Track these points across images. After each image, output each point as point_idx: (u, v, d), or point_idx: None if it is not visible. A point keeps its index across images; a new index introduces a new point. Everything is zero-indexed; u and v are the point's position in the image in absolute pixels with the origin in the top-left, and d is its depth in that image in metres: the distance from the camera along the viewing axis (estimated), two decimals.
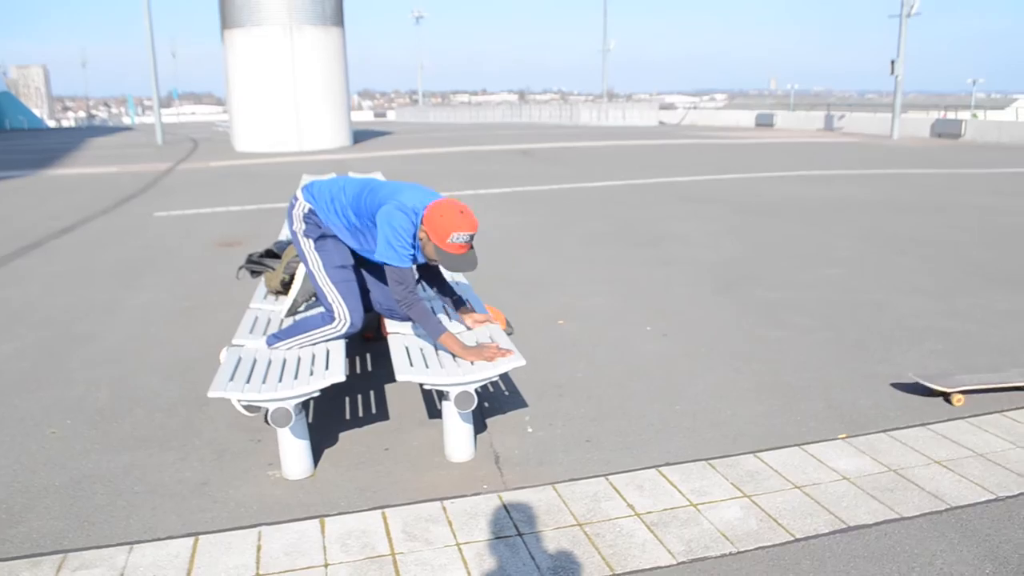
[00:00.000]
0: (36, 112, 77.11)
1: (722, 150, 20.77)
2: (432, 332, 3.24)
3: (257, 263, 4.71)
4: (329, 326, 3.45)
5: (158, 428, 3.68)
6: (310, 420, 3.68)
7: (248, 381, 3.00)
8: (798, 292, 5.84)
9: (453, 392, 3.04)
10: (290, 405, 2.91)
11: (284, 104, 25.63)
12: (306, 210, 3.48)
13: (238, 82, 26.18)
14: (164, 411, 3.88)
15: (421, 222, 3.17)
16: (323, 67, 26.05)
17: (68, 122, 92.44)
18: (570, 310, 5.48)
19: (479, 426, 3.54)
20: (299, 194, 3.55)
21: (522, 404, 3.84)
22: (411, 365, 3.14)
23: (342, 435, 3.54)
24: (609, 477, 3.07)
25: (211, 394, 2.91)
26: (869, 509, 2.82)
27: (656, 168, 15.71)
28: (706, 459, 3.21)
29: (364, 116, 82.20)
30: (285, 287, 4.18)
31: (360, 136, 31.13)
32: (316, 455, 3.29)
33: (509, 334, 3.74)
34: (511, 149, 22.54)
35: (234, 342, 3.49)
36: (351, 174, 3.85)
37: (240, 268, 4.81)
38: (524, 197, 11.67)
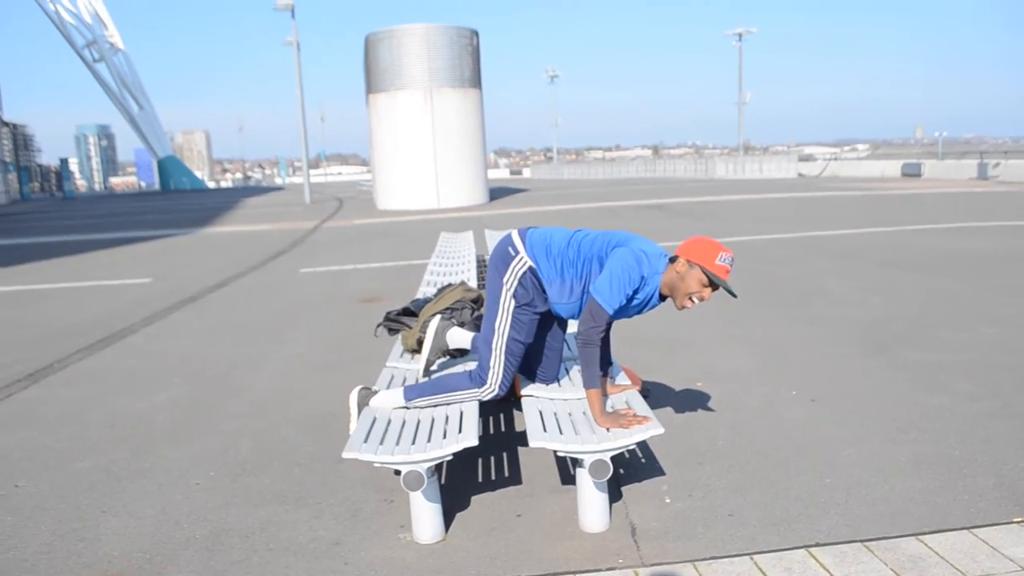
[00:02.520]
0: (198, 174, 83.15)
1: (866, 202, 19.93)
2: (586, 380, 3.19)
3: (395, 321, 4.77)
4: (475, 390, 3.41)
5: (295, 483, 3.73)
6: (443, 482, 3.64)
7: (382, 442, 3.00)
8: (957, 355, 5.41)
9: (588, 460, 2.93)
10: (422, 468, 2.88)
11: (424, 163, 26.55)
12: (526, 267, 3.36)
13: (381, 143, 27.34)
14: (302, 466, 3.94)
15: (671, 261, 3.27)
16: (460, 127, 26.87)
17: (226, 182, 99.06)
18: (709, 371, 5.27)
19: (614, 495, 3.39)
20: (519, 246, 3.40)
21: (659, 472, 3.67)
22: (544, 430, 3.06)
23: (474, 499, 3.48)
24: (754, 556, 2.86)
25: (346, 455, 2.92)
26: None
27: (796, 222, 15.20)
28: (861, 540, 2.95)
29: (500, 174, 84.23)
30: (421, 345, 4.20)
31: (496, 193, 31.76)
32: (448, 518, 3.24)
33: (645, 396, 3.62)
34: (646, 204, 22.40)
35: (371, 404, 3.51)
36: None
37: (378, 326, 4.89)
38: None
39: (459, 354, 4.01)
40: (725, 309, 7.28)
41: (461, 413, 3.27)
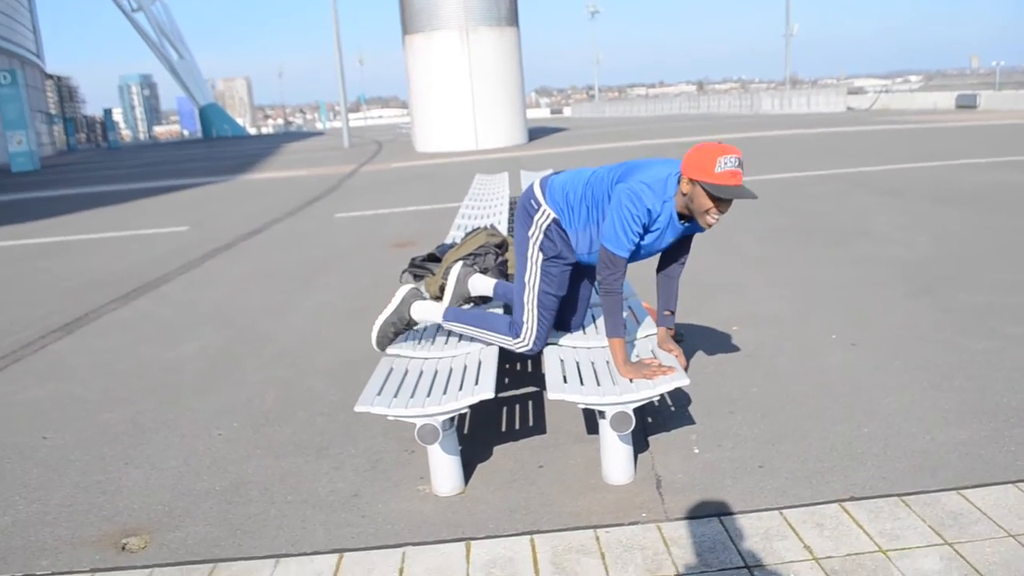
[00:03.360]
0: (240, 121, 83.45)
1: (917, 136, 19.23)
2: (609, 329, 3.02)
3: (419, 267, 4.67)
4: (511, 340, 3.32)
5: (317, 434, 3.69)
6: (465, 431, 3.58)
7: (396, 395, 2.92)
8: (1009, 296, 5.16)
9: (609, 412, 2.82)
10: (437, 421, 2.79)
11: (461, 104, 26.19)
12: (550, 220, 3.22)
13: (417, 85, 27.03)
14: (325, 416, 3.89)
15: (677, 182, 2.95)
16: (498, 67, 26.40)
17: (267, 129, 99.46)
18: (746, 314, 5.10)
19: (640, 445, 3.29)
20: (540, 198, 3.24)
21: (689, 421, 3.55)
22: (565, 381, 2.95)
23: (496, 449, 3.40)
24: (783, 511, 2.74)
25: (358, 408, 2.84)
26: None
27: (843, 157, 14.71)
28: (899, 495, 2.80)
29: (541, 113, 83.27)
30: (443, 292, 4.10)
31: (535, 133, 31.33)
32: (469, 469, 3.17)
33: (679, 340, 3.46)
34: (686, 141, 21.89)
35: (388, 352, 3.44)
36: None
37: (403, 272, 4.80)
38: None
39: (481, 301, 3.90)
40: (764, 248, 7.06)
41: (479, 363, 3.17)
